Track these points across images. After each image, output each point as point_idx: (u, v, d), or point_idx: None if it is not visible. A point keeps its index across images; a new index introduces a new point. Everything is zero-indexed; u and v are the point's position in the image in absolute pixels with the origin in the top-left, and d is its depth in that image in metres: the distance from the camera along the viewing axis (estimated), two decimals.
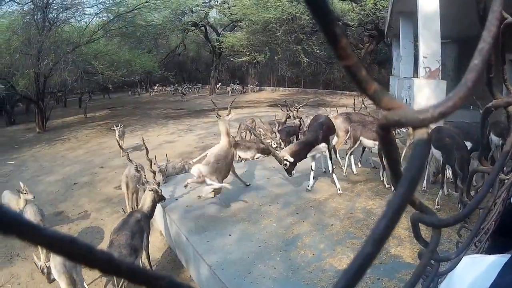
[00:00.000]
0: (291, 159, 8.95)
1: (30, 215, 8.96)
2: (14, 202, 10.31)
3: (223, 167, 9.36)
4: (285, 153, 9.14)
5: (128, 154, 9.39)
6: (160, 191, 8.18)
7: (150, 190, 8.07)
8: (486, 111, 1.32)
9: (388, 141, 0.55)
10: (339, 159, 11.63)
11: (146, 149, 9.48)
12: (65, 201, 13.49)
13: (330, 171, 10.07)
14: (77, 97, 47.48)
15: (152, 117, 33.07)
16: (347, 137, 11.63)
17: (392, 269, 6.20)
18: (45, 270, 8.22)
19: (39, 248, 8.59)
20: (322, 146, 9.84)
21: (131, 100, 51.83)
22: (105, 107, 44.75)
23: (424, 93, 13.46)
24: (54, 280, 8.32)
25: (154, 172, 8.70)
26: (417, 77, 14.56)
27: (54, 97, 40.89)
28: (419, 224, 0.87)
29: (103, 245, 8.96)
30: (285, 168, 9.10)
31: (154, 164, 10.35)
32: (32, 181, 14.76)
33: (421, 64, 13.67)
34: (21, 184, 10.21)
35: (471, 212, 1.03)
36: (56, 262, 6.62)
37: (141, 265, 7.99)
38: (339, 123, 11.81)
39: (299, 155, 9.35)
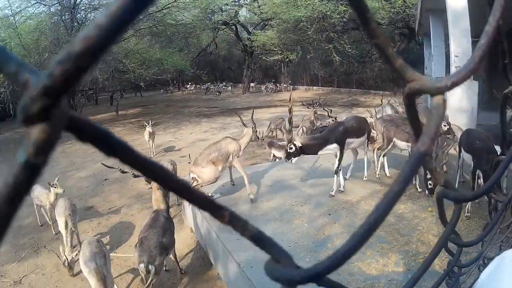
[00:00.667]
0: (299, 145, 8.95)
1: (61, 208, 9.05)
2: (44, 196, 10.42)
3: (217, 157, 9.91)
4: (297, 138, 9.17)
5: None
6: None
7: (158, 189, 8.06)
8: (504, 97, 1.30)
9: (412, 108, 0.68)
10: (376, 160, 11.47)
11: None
12: (95, 196, 13.65)
13: (334, 170, 9.92)
14: (109, 95, 47.84)
15: (185, 115, 33.17)
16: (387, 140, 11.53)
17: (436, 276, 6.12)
18: (66, 263, 8.32)
19: (64, 241, 8.71)
20: (333, 146, 9.74)
21: (164, 98, 52.09)
22: (137, 105, 45.06)
23: (456, 94, 13.24)
24: (77, 274, 8.45)
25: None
26: None
27: (85, 95, 41.25)
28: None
29: (133, 241, 8.98)
30: (288, 151, 9.12)
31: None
32: (62, 176, 14.84)
33: (452, 63, 13.44)
34: (56, 178, 10.33)
35: (489, 190, 1.05)
36: (86, 259, 6.60)
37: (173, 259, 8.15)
38: (378, 125, 11.67)
39: (309, 149, 9.44)
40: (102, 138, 0.39)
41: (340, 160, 9.86)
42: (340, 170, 9.91)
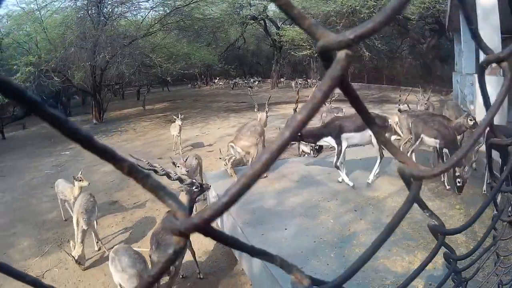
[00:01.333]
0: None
1: (76, 205, 9.12)
2: (69, 190, 10.51)
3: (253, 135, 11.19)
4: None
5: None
6: (198, 185, 7.97)
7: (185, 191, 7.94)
8: (480, 68, 1.26)
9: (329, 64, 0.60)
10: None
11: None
12: (120, 191, 13.74)
13: (333, 164, 10.05)
14: (135, 90, 48.07)
15: (213, 110, 33.22)
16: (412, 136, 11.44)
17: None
18: (74, 260, 8.41)
19: (75, 238, 8.74)
20: (328, 139, 10.16)
21: (191, 93, 52.25)
22: (164, 99, 45.28)
23: (486, 90, 13.05)
24: (88, 268, 8.58)
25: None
26: None
27: (112, 90, 41.52)
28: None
29: None
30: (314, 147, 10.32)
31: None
32: (87, 171, 14.95)
33: (482, 60, 13.28)
34: (80, 172, 10.39)
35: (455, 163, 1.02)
36: (124, 265, 6.55)
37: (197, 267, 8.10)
38: (403, 121, 11.56)
39: (307, 137, 10.24)
40: None
41: (337, 154, 10.08)
42: (341, 164, 10.12)
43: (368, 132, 9.92)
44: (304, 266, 6.36)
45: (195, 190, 7.81)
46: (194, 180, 7.88)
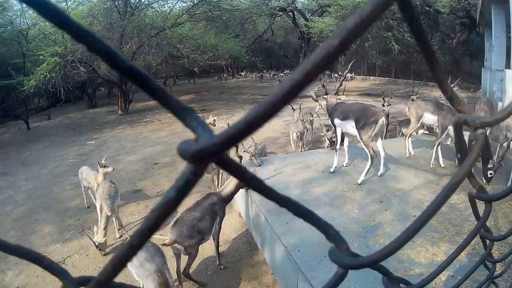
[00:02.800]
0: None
1: (99, 191, 9.21)
2: (92, 177, 10.62)
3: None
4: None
5: None
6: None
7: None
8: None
9: (459, 135, 0.86)
10: (407, 145, 11.37)
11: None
12: (144, 180, 13.86)
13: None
14: (162, 82, 48.28)
15: (239, 102, 33.28)
16: (419, 124, 11.41)
17: (467, 267, 5.95)
18: (96, 244, 8.55)
19: (99, 223, 8.82)
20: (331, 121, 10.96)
21: (217, 85, 52.38)
22: (190, 91, 45.52)
23: None
24: (108, 254, 8.66)
25: (240, 157, 8.62)
26: (510, 69, 13.97)
27: None
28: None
29: None
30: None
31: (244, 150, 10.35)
32: (112, 160, 15.09)
33: None
34: (104, 158, 10.47)
35: None
36: (142, 260, 6.17)
37: (217, 259, 8.08)
38: (412, 109, 11.51)
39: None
40: None
41: (336, 137, 10.80)
42: (337, 149, 10.68)
43: (351, 124, 10.01)
44: (327, 254, 6.36)
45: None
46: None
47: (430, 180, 9.65)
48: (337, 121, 10.38)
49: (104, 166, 10.22)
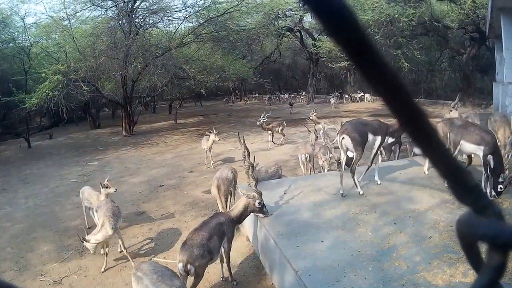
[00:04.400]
0: None
1: (108, 208, 8.99)
2: (94, 197, 10.53)
3: None
4: None
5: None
6: (260, 201, 7.91)
7: (246, 197, 7.95)
8: None
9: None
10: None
11: (247, 150, 9.41)
12: (148, 202, 13.73)
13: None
14: (167, 104, 48.48)
15: (247, 125, 33.30)
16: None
17: None
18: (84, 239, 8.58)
19: (97, 236, 8.72)
20: None
21: (225, 108, 52.67)
22: (196, 114, 45.79)
23: None
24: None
25: (256, 179, 8.48)
26: None
27: (143, 102, 41.84)
28: None
29: None
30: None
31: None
32: (115, 181, 14.95)
33: None
34: (106, 179, 10.35)
35: None
36: (159, 280, 5.90)
37: (222, 271, 8.09)
38: (439, 129, 11.33)
39: None
40: None
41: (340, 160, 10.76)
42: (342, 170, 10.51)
43: (345, 140, 10.34)
44: (340, 279, 6.23)
45: (258, 205, 7.81)
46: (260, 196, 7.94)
47: (446, 200, 9.39)
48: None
49: (107, 187, 10.08)
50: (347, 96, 50.18)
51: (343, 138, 10.41)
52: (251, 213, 8.52)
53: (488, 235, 0.51)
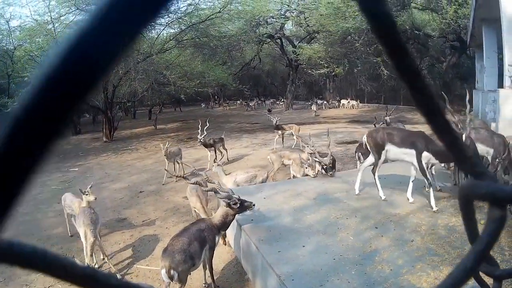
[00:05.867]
0: None
1: (81, 218, 8.97)
2: (76, 204, 10.39)
3: None
4: None
5: (183, 176, 9.11)
6: (234, 201, 7.85)
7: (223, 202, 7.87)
8: None
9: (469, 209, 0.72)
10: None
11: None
12: (129, 208, 13.63)
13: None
14: (147, 110, 48.38)
15: (226, 130, 33.22)
16: None
17: None
18: None
19: (84, 252, 8.65)
20: None
21: (204, 114, 52.54)
22: (176, 119, 45.63)
23: (510, 104, 12.90)
24: None
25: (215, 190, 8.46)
26: (503, 88, 14.03)
27: (123, 107, 41.68)
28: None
29: None
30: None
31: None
32: (96, 188, 14.85)
33: (506, 73, 13.22)
34: (89, 186, 10.26)
35: None
36: None
37: (204, 277, 8.04)
38: None
39: None
40: None
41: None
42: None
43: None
44: (324, 283, 6.25)
45: (234, 205, 7.70)
46: (232, 195, 7.84)
47: (426, 204, 9.54)
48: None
49: (87, 194, 10.00)
50: (325, 102, 50.40)
51: (365, 138, 10.62)
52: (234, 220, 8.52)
53: (488, 194, 0.58)
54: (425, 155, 9.38)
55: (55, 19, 28.18)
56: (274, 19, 44.41)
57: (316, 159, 12.61)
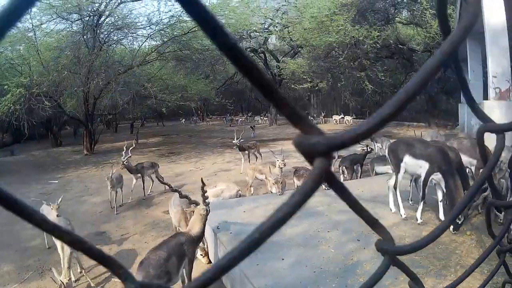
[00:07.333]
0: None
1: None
2: (52, 216, 10.36)
3: None
4: None
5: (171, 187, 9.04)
6: (207, 208, 7.82)
7: (201, 213, 7.79)
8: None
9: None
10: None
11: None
12: (108, 222, 13.59)
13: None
14: (129, 123, 48.29)
15: (208, 145, 33.37)
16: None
17: None
18: (62, 287, 8.21)
19: (61, 263, 8.57)
20: None
21: (187, 129, 52.62)
22: (158, 134, 45.52)
23: (495, 116, 12.97)
24: None
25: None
26: (488, 100, 14.16)
27: (104, 120, 41.58)
28: None
29: None
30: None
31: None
32: (76, 201, 14.88)
33: (490, 85, 13.36)
34: (57, 201, 10.33)
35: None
36: None
37: None
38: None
39: None
40: None
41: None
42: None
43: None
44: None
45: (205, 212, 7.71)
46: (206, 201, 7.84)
47: (410, 216, 9.58)
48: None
49: (52, 208, 10.10)
50: (311, 117, 50.50)
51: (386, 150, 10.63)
52: (212, 232, 8.50)
53: None
54: (436, 176, 9.23)
55: (36, 26, 28.04)
56: (258, 33, 44.37)
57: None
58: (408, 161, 9.78)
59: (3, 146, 37.26)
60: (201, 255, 9.75)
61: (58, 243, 8.75)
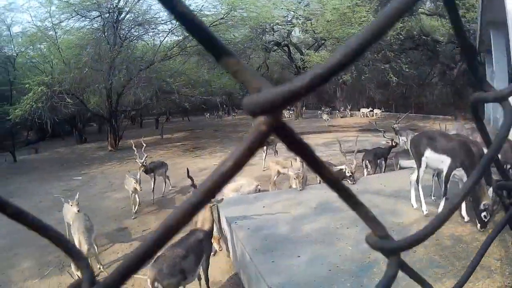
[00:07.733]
0: None
1: (75, 226, 9.19)
2: (71, 212, 10.44)
3: None
4: None
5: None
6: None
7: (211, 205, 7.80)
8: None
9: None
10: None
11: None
12: (130, 218, 13.68)
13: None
14: (154, 119, 48.33)
15: (233, 139, 33.20)
16: None
17: None
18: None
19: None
20: None
21: (212, 123, 52.53)
22: (183, 129, 45.53)
23: None
24: None
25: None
26: None
27: (128, 116, 41.62)
28: None
29: None
30: None
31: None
32: (99, 197, 14.95)
33: None
34: (75, 197, 10.36)
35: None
36: None
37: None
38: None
39: None
40: None
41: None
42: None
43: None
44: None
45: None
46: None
47: (432, 213, 9.36)
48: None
49: (71, 205, 10.11)
50: (337, 111, 50.36)
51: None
52: (230, 229, 8.51)
53: None
54: (458, 172, 9.04)
55: (55, 25, 28.34)
56: (280, 26, 44.04)
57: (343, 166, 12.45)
58: (429, 155, 9.61)
59: (28, 144, 37.54)
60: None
61: (76, 238, 8.84)
